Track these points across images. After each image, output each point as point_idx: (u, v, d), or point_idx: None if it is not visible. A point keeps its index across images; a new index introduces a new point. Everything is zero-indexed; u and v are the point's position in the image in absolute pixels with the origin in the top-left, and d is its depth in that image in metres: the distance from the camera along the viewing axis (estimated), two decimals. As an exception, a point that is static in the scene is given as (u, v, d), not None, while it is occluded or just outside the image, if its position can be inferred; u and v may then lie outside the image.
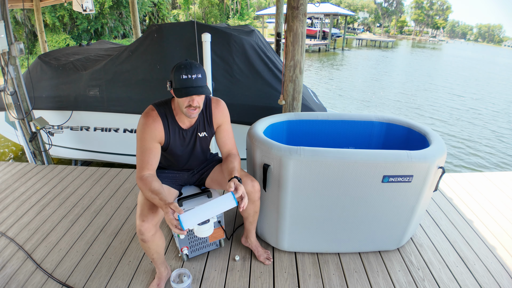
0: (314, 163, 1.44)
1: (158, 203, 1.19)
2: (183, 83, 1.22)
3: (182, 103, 1.27)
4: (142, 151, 1.33)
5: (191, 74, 1.22)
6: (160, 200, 1.18)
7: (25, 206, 2.30)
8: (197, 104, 1.27)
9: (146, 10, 18.31)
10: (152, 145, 1.34)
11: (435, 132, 1.73)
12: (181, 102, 1.28)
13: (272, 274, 1.66)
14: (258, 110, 2.98)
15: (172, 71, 1.26)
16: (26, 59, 10.02)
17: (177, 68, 1.24)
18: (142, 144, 1.33)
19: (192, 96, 1.24)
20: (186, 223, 1.10)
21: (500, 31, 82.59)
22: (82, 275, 1.66)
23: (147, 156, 1.32)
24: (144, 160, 1.32)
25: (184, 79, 1.22)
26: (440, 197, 2.44)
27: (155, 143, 1.35)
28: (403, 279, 1.64)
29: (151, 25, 3.25)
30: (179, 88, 1.23)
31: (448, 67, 17.42)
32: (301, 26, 2.10)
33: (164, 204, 1.15)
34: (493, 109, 8.51)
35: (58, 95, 3.33)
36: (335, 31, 26.72)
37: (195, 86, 1.23)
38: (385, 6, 56.93)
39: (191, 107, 1.27)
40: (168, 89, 1.29)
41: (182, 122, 1.41)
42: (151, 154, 1.33)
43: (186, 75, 1.21)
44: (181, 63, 1.25)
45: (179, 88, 1.23)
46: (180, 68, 1.23)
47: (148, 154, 1.33)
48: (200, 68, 1.25)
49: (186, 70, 1.22)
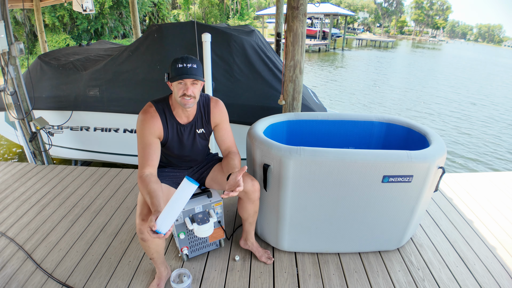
0: (314, 163, 1.44)
1: (150, 207, 1.20)
2: (178, 71, 1.28)
3: (177, 92, 1.31)
4: (143, 147, 1.35)
5: (186, 63, 1.28)
6: (151, 205, 1.19)
7: (25, 206, 2.30)
8: (192, 93, 1.31)
9: (146, 10, 18.31)
10: (151, 140, 1.36)
11: (435, 132, 1.73)
12: (176, 91, 1.32)
13: (272, 274, 1.66)
14: (258, 110, 2.99)
15: (170, 65, 1.33)
16: (26, 59, 10.02)
17: (174, 60, 1.31)
18: (142, 140, 1.35)
19: (186, 83, 1.29)
20: (162, 228, 1.09)
21: (500, 31, 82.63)
22: (82, 275, 1.66)
23: (147, 152, 1.34)
24: (145, 156, 1.34)
25: (179, 67, 1.28)
26: (440, 197, 2.44)
27: (154, 138, 1.37)
28: (403, 279, 1.64)
29: (151, 25, 3.25)
30: (174, 76, 1.29)
31: (448, 67, 17.42)
32: (301, 26, 2.10)
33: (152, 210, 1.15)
34: (494, 109, 8.50)
35: (58, 95, 3.32)
36: (335, 31, 26.73)
37: (188, 74, 1.28)
38: (385, 6, 56.94)
39: (185, 96, 1.31)
40: (165, 80, 1.34)
41: (179, 117, 1.43)
42: (151, 149, 1.35)
43: (182, 64, 1.28)
44: (179, 56, 1.32)
45: (174, 76, 1.29)
46: (176, 59, 1.30)
47: (148, 150, 1.35)
48: (196, 60, 1.31)
49: (182, 60, 1.29)
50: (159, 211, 1.13)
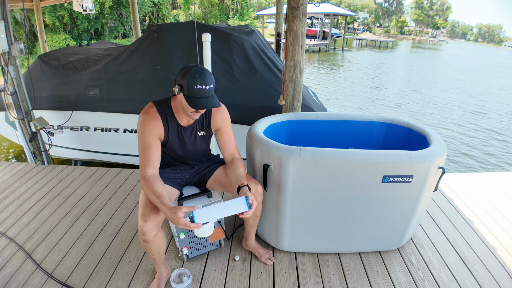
0: (314, 163, 1.44)
1: (160, 206, 1.21)
2: (197, 93, 1.22)
3: (189, 108, 1.29)
4: (144, 147, 1.35)
5: (205, 84, 1.22)
6: (162, 204, 1.19)
7: (25, 206, 2.30)
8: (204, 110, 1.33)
9: (146, 10, 18.31)
10: (152, 140, 1.36)
11: (435, 132, 1.73)
12: (187, 108, 1.30)
13: (272, 274, 1.66)
14: (258, 110, 2.98)
15: (185, 76, 1.22)
16: (26, 59, 10.02)
17: (191, 75, 1.21)
18: (143, 141, 1.35)
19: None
20: (198, 218, 1.16)
21: (500, 31, 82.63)
22: (82, 275, 1.66)
23: (148, 152, 1.34)
24: (146, 157, 1.34)
25: (198, 89, 1.22)
26: (440, 197, 2.44)
27: (155, 139, 1.37)
28: (403, 279, 1.64)
29: (151, 25, 3.25)
30: (192, 97, 1.23)
31: (448, 68, 17.42)
32: (301, 26, 2.10)
33: (167, 209, 1.17)
34: (494, 110, 8.50)
35: (58, 95, 3.32)
36: (335, 31, 26.73)
37: (207, 97, 1.25)
38: (385, 6, 56.94)
39: (198, 113, 1.32)
40: (176, 92, 1.27)
41: (181, 119, 1.43)
42: (152, 149, 1.35)
43: (201, 86, 1.21)
44: (196, 70, 1.22)
45: (192, 97, 1.23)
46: (195, 76, 1.21)
47: (149, 150, 1.34)
48: (212, 77, 1.26)
49: (201, 80, 1.21)
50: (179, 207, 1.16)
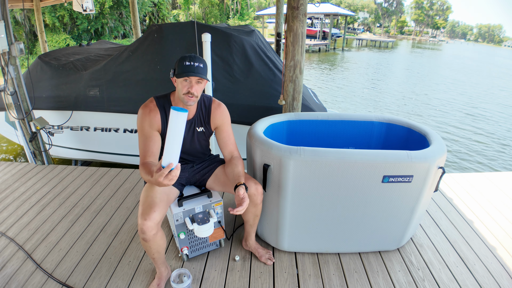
0: (314, 163, 1.44)
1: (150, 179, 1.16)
2: (185, 68, 1.30)
3: (181, 89, 1.33)
4: (143, 139, 1.38)
5: (193, 62, 1.31)
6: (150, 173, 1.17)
7: (25, 206, 2.30)
8: (195, 92, 1.33)
9: (146, 10, 18.31)
10: (151, 133, 1.39)
11: (435, 132, 1.73)
12: (180, 88, 1.34)
13: (272, 274, 1.66)
14: (258, 110, 2.98)
15: (177, 61, 1.35)
16: (26, 59, 10.01)
17: (181, 57, 1.34)
18: (142, 133, 1.38)
19: (191, 81, 1.31)
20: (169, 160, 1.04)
21: (500, 31, 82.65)
22: (82, 275, 1.66)
23: (147, 144, 1.37)
24: (146, 148, 1.36)
25: (186, 65, 1.30)
26: (440, 197, 2.44)
27: (154, 131, 1.40)
28: (403, 279, 1.64)
29: (151, 25, 3.25)
30: (181, 73, 1.31)
31: (448, 68, 17.42)
32: (301, 26, 2.10)
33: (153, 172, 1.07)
34: (494, 110, 8.50)
35: (58, 95, 3.32)
36: (335, 31, 26.72)
37: (195, 72, 1.30)
38: (385, 6, 56.93)
39: (189, 94, 1.33)
40: (171, 76, 1.37)
41: None
42: (151, 141, 1.37)
43: (189, 62, 1.31)
44: (186, 54, 1.35)
45: (181, 72, 1.31)
46: (184, 57, 1.33)
47: (149, 142, 1.37)
48: (203, 60, 1.35)
49: (190, 58, 1.32)
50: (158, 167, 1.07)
